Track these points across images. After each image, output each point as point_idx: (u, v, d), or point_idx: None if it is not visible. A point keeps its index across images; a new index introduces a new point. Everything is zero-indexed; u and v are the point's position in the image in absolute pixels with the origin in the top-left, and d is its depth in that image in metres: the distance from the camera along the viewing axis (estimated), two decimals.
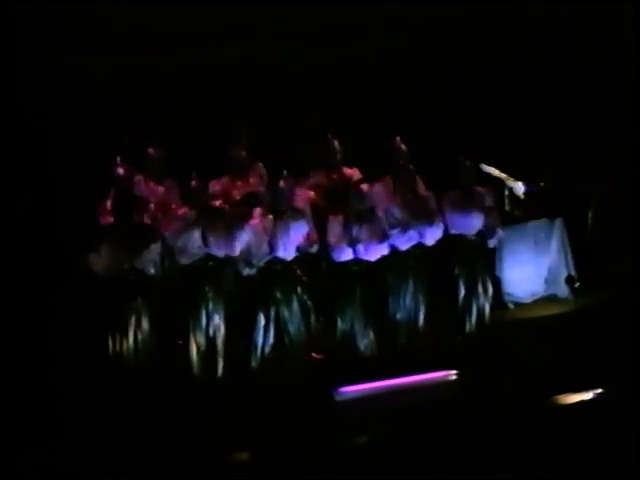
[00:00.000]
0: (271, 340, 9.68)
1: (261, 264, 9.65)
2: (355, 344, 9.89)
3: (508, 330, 10.54)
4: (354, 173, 10.44)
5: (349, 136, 10.61)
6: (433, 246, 10.13)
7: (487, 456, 8.27)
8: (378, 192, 10.14)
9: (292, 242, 9.68)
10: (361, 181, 10.29)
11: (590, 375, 9.49)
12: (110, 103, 10.79)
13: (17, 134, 10.21)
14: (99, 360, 9.36)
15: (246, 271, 9.66)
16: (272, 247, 9.63)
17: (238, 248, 9.54)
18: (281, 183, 9.81)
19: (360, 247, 9.79)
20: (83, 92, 10.84)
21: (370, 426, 8.96)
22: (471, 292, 10.29)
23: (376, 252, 9.86)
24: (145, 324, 9.42)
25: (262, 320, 9.67)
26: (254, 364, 9.67)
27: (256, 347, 9.69)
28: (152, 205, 9.78)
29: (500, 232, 10.36)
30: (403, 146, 10.27)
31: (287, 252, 9.68)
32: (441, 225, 10.07)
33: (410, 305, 10.05)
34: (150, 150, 10.09)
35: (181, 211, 9.63)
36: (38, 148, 10.49)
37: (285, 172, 9.89)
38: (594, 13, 11.71)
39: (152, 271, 9.47)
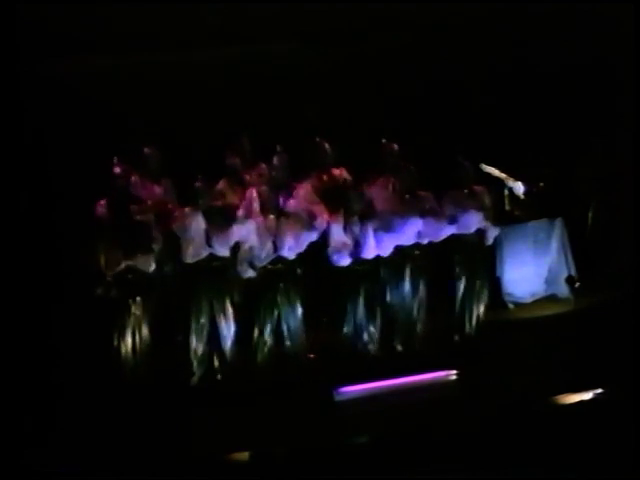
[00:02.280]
0: (272, 340, 9.68)
1: (263, 264, 9.66)
2: (355, 344, 9.89)
3: (508, 330, 10.54)
4: (351, 174, 10.42)
5: (349, 136, 10.60)
6: (433, 246, 10.13)
7: (487, 456, 8.28)
8: (378, 192, 10.14)
9: (293, 242, 9.68)
10: (361, 181, 10.28)
11: (590, 375, 9.49)
12: (109, 103, 10.79)
13: (16, 133, 10.20)
14: (99, 360, 9.36)
15: (248, 273, 9.66)
16: (275, 247, 9.61)
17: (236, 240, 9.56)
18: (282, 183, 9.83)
19: (371, 240, 9.78)
20: (82, 92, 10.84)
21: (370, 426, 8.96)
22: (471, 292, 10.30)
23: (389, 243, 9.86)
24: (146, 324, 9.42)
25: (263, 320, 9.67)
26: (254, 364, 9.67)
27: (257, 347, 9.69)
28: (153, 206, 9.79)
29: (496, 231, 10.37)
30: (403, 146, 10.27)
31: (289, 252, 9.68)
32: (441, 225, 10.08)
33: (410, 305, 10.05)
34: (149, 151, 10.07)
35: (184, 211, 9.62)
36: (37, 148, 10.49)
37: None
38: (594, 13, 11.70)
39: (153, 271, 9.47)
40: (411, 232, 9.95)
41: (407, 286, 10.04)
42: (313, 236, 9.73)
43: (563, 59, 11.83)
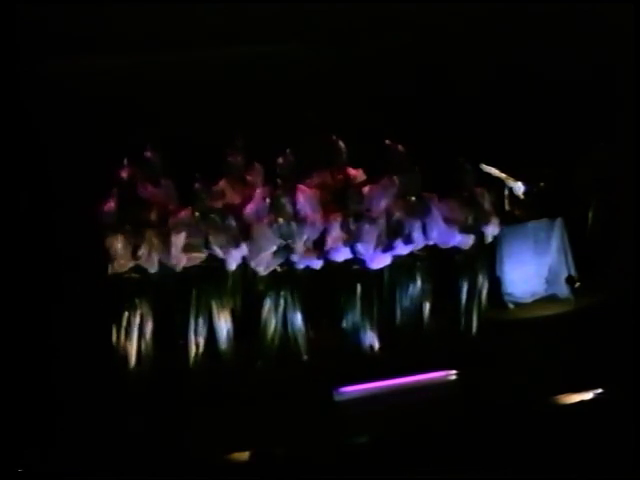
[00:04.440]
0: (272, 340, 9.68)
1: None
2: (355, 344, 9.89)
3: (508, 330, 10.54)
4: (354, 174, 10.41)
5: (349, 136, 10.60)
6: (433, 246, 10.12)
7: (487, 456, 8.28)
8: (378, 193, 10.13)
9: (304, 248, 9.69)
10: (361, 182, 10.27)
11: (590, 375, 9.49)
12: (109, 103, 10.79)
13: (16, 134, 10.20)
14: (101, 359, 9.36)
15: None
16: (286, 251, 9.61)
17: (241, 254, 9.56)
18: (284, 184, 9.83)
19: (365, 254, 9.75)
20: (82, 92, 10.84)
21: (370, 426, 8.96)
22: (471, 292, 10.29)
23: (381, 261, 9.85)
24: (147, 323, 9.42)
25: (263, 320, 9.67)
26: (254, 364, 9.67)
27: (257, 347, 9.69)
28: (155, 205, 9.79)
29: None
30: (403, 147, 10.26)
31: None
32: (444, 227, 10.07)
33: (410, 305, 10.05)
34: (150, 151, 10.06)
35: (185, 213, 9.61)
36: (37, 148, 10.49)
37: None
38: (594, 14, 11.70)
39: (154, 271, 9.47)
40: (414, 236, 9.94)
41: (407, 286, 10.03)
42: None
43: (563, 59, 11.82)
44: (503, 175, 11.17)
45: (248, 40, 11.33)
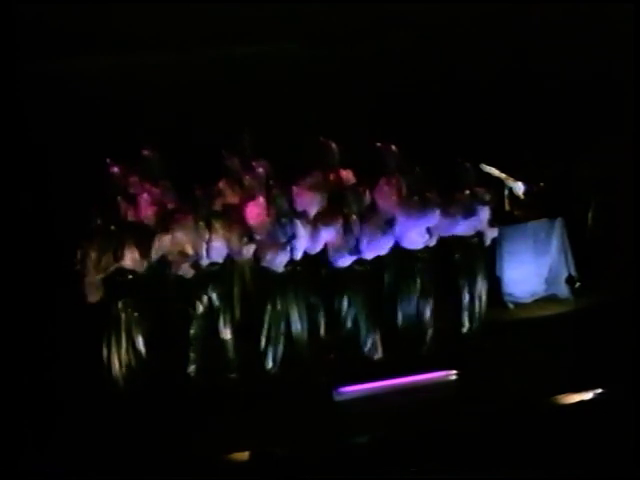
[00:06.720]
0: (273, 340, 9.68)
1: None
2: (356, 344, 9.88)
3: (508, 330, 10.54)
4: (353, 174, 10.41)
5: (348, 137, 10.60)
6: (433, 246, 10.11)
7: (487, 456, 8.27)
8: (378, 193, 10.13)
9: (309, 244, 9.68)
10: (360, 182, 10.26)
11: (590, 375, 9.49)
12: (109, 103, 10.79)
13: (15, 133, 10.20)
14: (99, 360, 9.35)
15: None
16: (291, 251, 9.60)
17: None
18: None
19: (365, 253, 9.75)
20: (82, 92, 10.85)
21: (370, 426, 8.96)
22: (471, 292, 10.28)
23: (376, 249, 9.83)
24: (147, 324, 9.41)
25: (263, 320, 9.67)
26: (254, 364, 9.67)
27: (258, 348, 9.69)
28: (150, 207, 9.78)
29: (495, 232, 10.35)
30: (403, 147, 10.26)
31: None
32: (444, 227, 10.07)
33: (411, 305, 10.04)
34: (148, 151, 10.04)
35: (188, 218, 9.59)
36: (36, 148, 10.49)
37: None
38: (594, 14, 11.71)
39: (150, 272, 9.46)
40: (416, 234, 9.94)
41: (407, 286, 10.02)
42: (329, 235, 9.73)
43: (563, 60, 11.82)
44: (503, 175, 11.17)
45: (248, 40, 11.33)
